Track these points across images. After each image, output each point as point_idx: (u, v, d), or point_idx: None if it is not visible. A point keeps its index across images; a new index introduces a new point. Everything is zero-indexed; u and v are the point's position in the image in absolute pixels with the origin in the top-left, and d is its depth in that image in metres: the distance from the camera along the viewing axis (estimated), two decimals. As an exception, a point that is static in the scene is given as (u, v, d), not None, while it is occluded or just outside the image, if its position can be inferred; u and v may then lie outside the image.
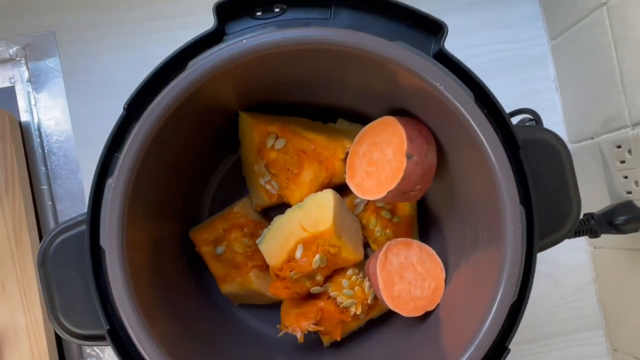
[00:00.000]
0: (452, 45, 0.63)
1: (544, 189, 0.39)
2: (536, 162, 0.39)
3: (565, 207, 0.40)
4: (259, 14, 0.39)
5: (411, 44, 0.37)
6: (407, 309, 0.45)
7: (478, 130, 0.35)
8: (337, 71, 0.41)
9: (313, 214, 0.44)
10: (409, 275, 0.46)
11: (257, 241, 0.47)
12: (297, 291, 0.48)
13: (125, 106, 0.38)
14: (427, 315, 0.46)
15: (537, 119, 0.56)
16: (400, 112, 0.44)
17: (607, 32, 0.53)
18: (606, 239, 0.58)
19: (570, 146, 0.63)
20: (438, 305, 0.46)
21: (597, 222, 0.50)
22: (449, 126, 0.39)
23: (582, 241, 0.63)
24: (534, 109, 0.59)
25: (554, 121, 0.63)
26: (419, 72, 0.35)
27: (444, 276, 0.46)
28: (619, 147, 0.52)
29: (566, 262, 0.64)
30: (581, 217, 0.51)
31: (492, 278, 0.37)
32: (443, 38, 0.38)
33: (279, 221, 0.46)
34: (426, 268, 0.46)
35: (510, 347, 0.39)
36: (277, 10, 0.39)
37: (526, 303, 0.38)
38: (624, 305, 0.59)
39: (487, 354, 0.37)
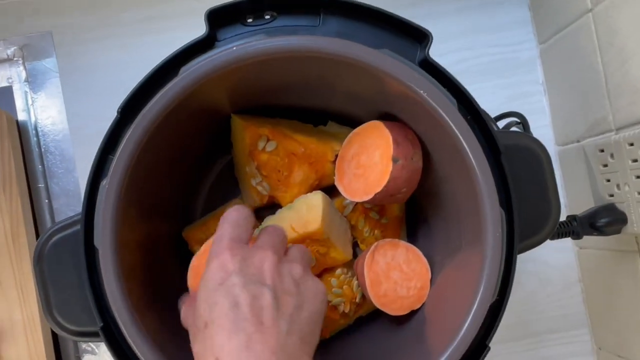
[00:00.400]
0: (443, 48, 0.64)
1: (524, 193, 0.40)
2: (517, 167, 0.40)
3: (545, 210, 0.41)
4: (249, 20, 0.40)
5: (397, 51, 0.38)
6: (393, 308, 0.47)
7: (460, 136, 0.37)
8: (326, 76, 0.42)
9: (302, 215, 0.46)
10: (395, 275, 0.47)
11: (249, 241, 0.49)
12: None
13: (119, 110, 0.39)
14: (413, 313, 0.47)
15: (523, 122, 0.58)
16: (388, 117, 0.45)
17: (593, 38, 0.54)
18: (591, 239, 0.59)
19: (557, 149, 0.64)
20: (424, 303, 0.47)
21: (579, 224, 0.51)
22: (433, 131, 0.40)
23: (568, 241, 0.64)
24: (522, 111, 0.60)
25: (541, 124, 0.64)
26: (403, 80, 0.37)
27: (430, 276, 0.47)
28: (602, 150, 0.53)
29: (552, 261, 0.65)
30: (564, 219, 0.52)
31: (474, 278, 0.38)
32: (428, 46, 0.39)
33: (270, 221, 0.47)
34: (412, 268, 0.47)
35: (492, 345, 0.40)
36: (267, 17, 0.40)
37: (506, 302, 0.40)
38: (609, 304, 0.60)
39: (468, 352, 0.38)
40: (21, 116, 0.63)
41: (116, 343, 0.39)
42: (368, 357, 0.49)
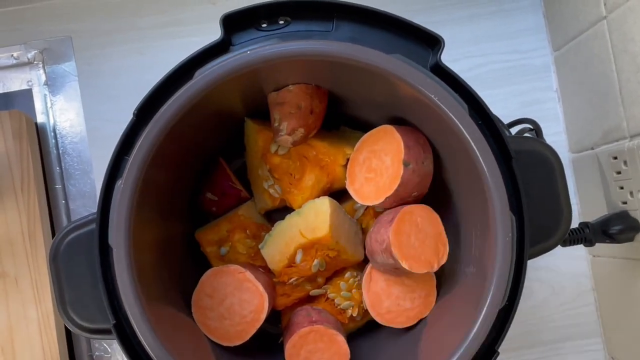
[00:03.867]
0: (457, 55, 0.65)
1: (536, 198, 0.40)
2: (529, 173, 0.40)
3: (557, 216, 0.41)
4: (264, 25, 0.41)
5: (409, 56, 0.39)
6: (400, 321, 0.46)
7: (470, 140, 0.37)
8: (338, 81, 0.42)
9: (311, 220, 0.46)
10: (396, 291, 0.46)
11: (260, 246, 0.49)
12: (298, 296, 0.49)
13: (135, 112, 0.40)
14: (421, 319, 0.47)
15: (536, 128, 0.57)
16: (399, 121, 0.45)
17: (607, 45, 0.54)
18: (605, 248, 0.59)
19: (571, 156, 0.64)
20: (432, 310, 0.47)
21: (592, 231, 0.51)
22: (444, 136, 0.41)
23: (582, 250, 0.64)
24: (536, 118, 0.60)
25: (555, 131, 0.64)
26: (415, 84, 0.37)
27: (435, 282, 0.47)
28: (616, 158, 0.53)
29: (566, 270, 0.65)
30: (576, 226, 0.52)
31: (484, 282, 0.38)
32: (440, 51, 0.39)
33: (279, 227, 0.48)
34: (414, 279, 0.47)
35: (503, 352, 0.40)
36: (281, 22, 0.41)
37: (516, 308, 0.39)
38: (622, 313, 0.60)
39: (477, 356, 0.38)
40: (40, 118, 0.64)
41: (128, 341, 0.39)
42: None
